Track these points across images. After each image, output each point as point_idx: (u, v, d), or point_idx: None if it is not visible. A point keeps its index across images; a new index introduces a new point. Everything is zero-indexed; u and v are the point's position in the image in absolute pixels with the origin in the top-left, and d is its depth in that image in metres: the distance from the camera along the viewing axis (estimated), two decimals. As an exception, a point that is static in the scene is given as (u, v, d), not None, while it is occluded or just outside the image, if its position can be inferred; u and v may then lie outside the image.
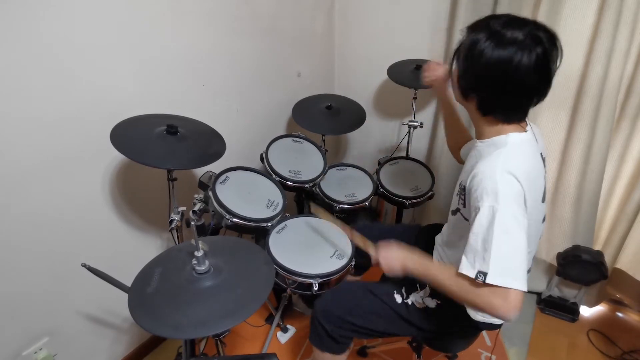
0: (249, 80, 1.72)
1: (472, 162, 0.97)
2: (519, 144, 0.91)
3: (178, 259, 0.96)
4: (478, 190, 0.86)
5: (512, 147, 0.90)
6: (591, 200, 1.68)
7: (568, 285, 1.87)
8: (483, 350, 1.69)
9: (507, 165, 0.86)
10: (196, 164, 1.20)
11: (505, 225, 0.81)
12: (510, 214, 0.82)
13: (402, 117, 2.19)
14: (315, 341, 1.21)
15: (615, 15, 1.38)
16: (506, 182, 0.84)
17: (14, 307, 1.17)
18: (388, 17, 1.98)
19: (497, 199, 0.82)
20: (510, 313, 0.81)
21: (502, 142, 0.92)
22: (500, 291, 0.81)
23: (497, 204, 0.82)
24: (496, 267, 0.81)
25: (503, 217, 0.81)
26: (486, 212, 0.83)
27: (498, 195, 0.82)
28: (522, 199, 0.84)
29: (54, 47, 1.04)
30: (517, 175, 0.84)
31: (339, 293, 1.20)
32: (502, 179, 0.83)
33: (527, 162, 0.91)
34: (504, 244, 0.82)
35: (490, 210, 0.82)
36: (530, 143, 0.95)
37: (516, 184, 0.84)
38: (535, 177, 0.92)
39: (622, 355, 1.69)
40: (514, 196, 0.83)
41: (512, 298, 0.81)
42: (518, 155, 0.90)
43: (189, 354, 1.24)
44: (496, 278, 0.81)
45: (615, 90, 1.49)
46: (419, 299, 1.12)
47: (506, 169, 0.85)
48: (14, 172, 1.06)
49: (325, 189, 1.68)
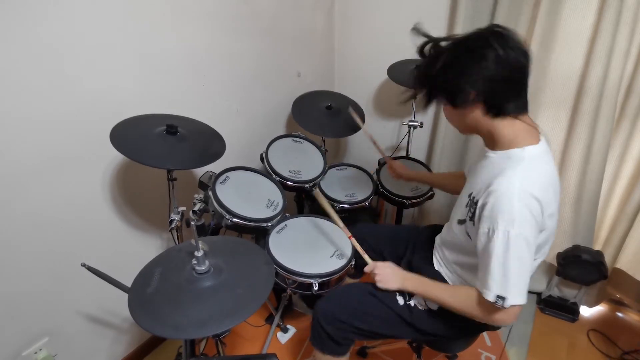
0: (249, 80, 1.72)
1: (485, 174, 0.95)
2: (535, 158, 0.90)
3: (178, 259, 0.96)
4: (494, 210, 0.87)
5: (529, 164, 0.89)
6: (591, 200, 1.68)
7: (568, 285, 1.87)
8: (483, 350, 1.69)
9: (525, 186, 0.85)
10: (196, 164, 1.20)
11: (519, 251, 0.85)
12: (523, 239, 0.84)
13: (402, 117, 2.19)
14: (316, 343, 1.21)
15: (615, 15, 1.38)
16: (523, 205, 0.84)
17: (14, 307, 1.17)
18: (388, 17, 1.98)
19: (513, 224, 0.84)
20: (511, 322, 0.94)
21: (519, 157, 0.90)
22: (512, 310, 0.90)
23: (512, 228, 0.84)
24: (514, 291, 0.87)
25: (517, 242, 0.84)
26: (501, 237, 0.85)
27: (515, 221, 0.84)
28: (538, 219, 0.86)
29: (53, 47, 1.04)
30: (536, 194, 0.85)
31: (340, 296, 1.20)
32: (519, 202, 0.84)
33: (544, 178, 0.90)
34: (519, 269, 0.87)
35: (506, 236, 0.85)
36: (546, 154, 0.93)
37: (534, 205, 0.85)
38: (552, 190, 0.91)
39: (622, 355, 1.69)
40: (530, 220, 0.85)
41: (516, 311, 0.90)
42: (535, 172, 0.89)
43: (189, 354, 1.24)
44: (514, 299, 0.87)
45: (615, 90, 1.49)
46: (421, 301, 1.12)
47: (524, 190, 0.85)
48: (14, 172, 1.06)
49: (325, 189, 1.68)
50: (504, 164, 0.91)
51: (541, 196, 0.85)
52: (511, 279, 0.86)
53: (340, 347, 1.18)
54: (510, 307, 0.88)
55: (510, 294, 0.87)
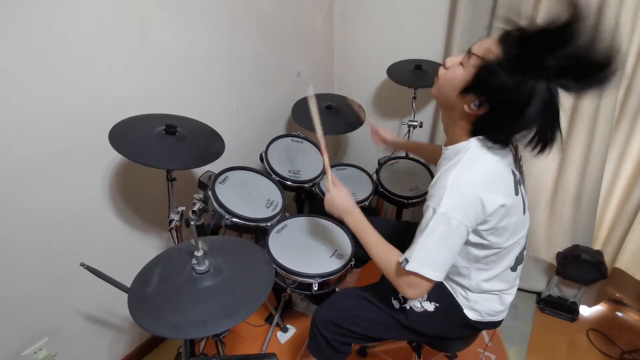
0: (249, 80, 1.72)
1: (440, 170, 0.97)
2: (479, 149, 0.91)
3: (178, 259, 0.96)
4: (431, 195, 0.91)
5: (473, 154, 0.90)
6: (591, 199, 1.68)
7: (568, 284, 1.87)
8: (483, 349, 1.69)
9: (460, 175, 0.88)
10: (195, 164, 1.20)
11: (441, 229, 0.87)
12: (446, 218, 0.87)
13: (401, 116, 2.19)
14: (314, 351, 1.20)
15: (615, 14, 1.38)
16: (455, 189, 0.86)
17: (14, 307, 1.17)
18: (388, 17, 1.98)
19: (439, 204, 0.87)
20: (413, 295, 0.94)
21: (465, 148, 0.92)
22: (413, 279, 0.91)
23: (439, 207, 0.87)
24: (421, 260, 0.89)
25: (440, 219, 0.87)
26: (430, 214, 0.89)
27: (442, 200, 0.86)
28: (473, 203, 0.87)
29: (52, 47, 1.04)
30: (471, 179, 0.88)
31: (336, 301, 1.20)
32: (451, 186, 0.86)
33: (486, 166, 0.90)
34: (435, 244, 0.89)
35: (432, 212, 0.88)
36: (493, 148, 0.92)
37: (467, 190, 0.87)
38: (499, 176, 0.91)
39: (621, 355, 1.69)
40: (456, 205, 0.87)
41: (421, 284, 0.91)
42: (477, 162, 0.90)
43: (189, 354, 1.24)
44: (418, 266, 0.89)
45: (615, 89, 1.49)
46: (416, 303, 1.12)
47: (459, 177, 0.87)
48: (14, 172, 1.06)
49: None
50: (453, 157, 0.94)
51: (479, 182, 0.87)
52: (424, 249, 0.89)
53: (338, 354, 1.18)
54: (413, 275, 0.90)
55: (415, 259, 0.89)
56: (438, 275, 0.90)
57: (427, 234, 0.89)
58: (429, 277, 0.89)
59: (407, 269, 0.90)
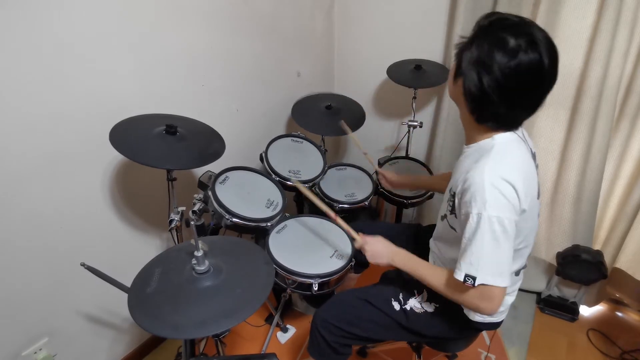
0: (249, 80, 1.72)
1: (461, 168, 0.97)
2: (505, 144, 0.91)
3: (178, 259, 0.96)
4: (468, 197, 0.88)
5: (500, 149, 0.90)
6: (591, 199, 1.68)
7: (568, 284, 1.87)
8: (483, 349, 1.69)
9: (495, 169, 0.86)
10: (195, 164, 1.20)
11: (493, 232, 0.85)
12: (497, 220, 0.85)
13: (401, 116, 2.19)
14: (314, 353, 1.20)
15: (615, 14, 1.38)
16: (494, 188, 0.85)
17: (14, 307, 1.17)
18: (388, 16, 1.98)
19: (484, 207, 0.85)
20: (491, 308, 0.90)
21: (489, 146, 0.92)
22: (486, 291, 0.88)
23: (484, 211, 0.84)
24: (485, 271, 0.87)
25: (491, 224, 0.85)
26: (475, 220, 0.86)
27: (486, 203, 0.84)
28: (512, 201, 0.86)
29: (53, 47, 1.04)
30: (507, 177, 0.85)
31: (337, 303, 1.20)
32: (490, 186, 0.85)
33: (516, 161, 0.91)
34: (492, 250, 0.86)
35: (479, 218, 0.85)
36: (517, 141, 0.94)
37: (505, 187, 0.85)
38: (527, 174, 0.92)
39: (621, 355, 1.69)
40: (502, 201, 0.85)
41: (494, 294, 0.88)
42: (506, 157, 0.90)
43: (189, 354, 1.24)
44: (485, 278, 0.87)
45: (615, 89, 1.49)
46: (417, 304, 1.12)
47: (495, 173, 0.86)
48: (14, 172, 1.06)
49: (325, 189, 1.68)
50: (477, 154, 0.93)
51: (513, 178, 0.86)
52: (483, 259, 0.86)
53: (338, 356, 1.18)
54: (484, 288, 0.87)
55: (480, 273, 0.87)
56: (508, 280, 0.88)
57: (482, 241, 0.86)
58: (502, 285, 0.87)
59: (478, 283, 0.87)
